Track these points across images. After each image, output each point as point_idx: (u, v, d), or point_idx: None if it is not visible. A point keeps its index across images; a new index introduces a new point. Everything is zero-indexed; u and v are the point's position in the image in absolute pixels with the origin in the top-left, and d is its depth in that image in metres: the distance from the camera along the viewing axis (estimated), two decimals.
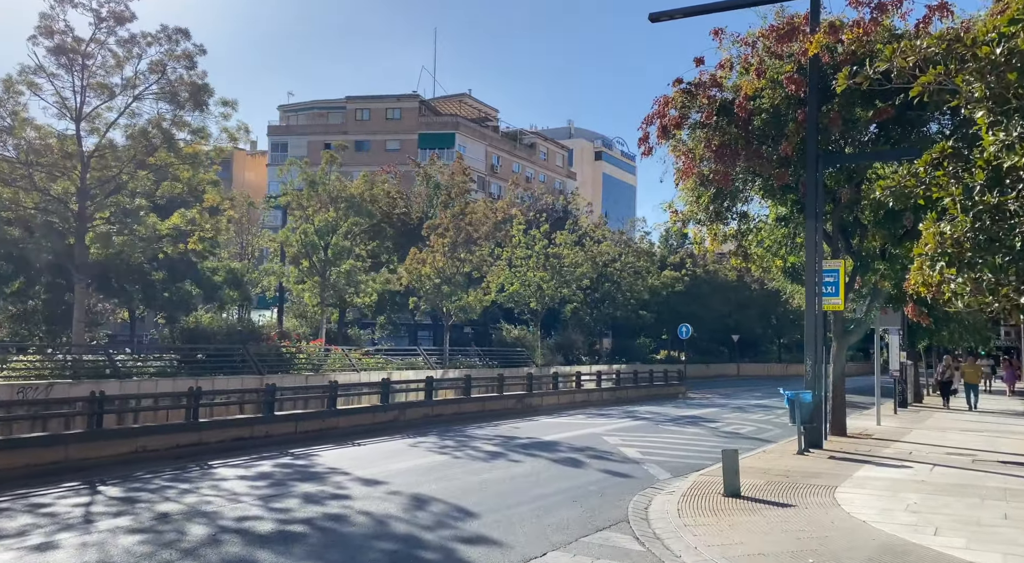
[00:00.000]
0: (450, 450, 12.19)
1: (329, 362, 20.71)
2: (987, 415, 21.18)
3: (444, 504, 7.96)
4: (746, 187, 16.36)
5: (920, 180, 9.08)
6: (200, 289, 27.52)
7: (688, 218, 16.33)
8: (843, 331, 15.65)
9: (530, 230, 33.46)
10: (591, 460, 11.67)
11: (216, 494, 8.17)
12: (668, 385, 28.91)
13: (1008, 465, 11.46)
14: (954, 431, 16.55)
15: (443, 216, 27.51)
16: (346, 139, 75.16)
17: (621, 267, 39.02)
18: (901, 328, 22.84)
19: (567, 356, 35.66)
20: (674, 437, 15.18)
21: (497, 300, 32.24)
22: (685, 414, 20.69)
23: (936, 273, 8.67)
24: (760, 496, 8.79)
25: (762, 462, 11.41)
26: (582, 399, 23.11)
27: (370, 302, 27.11)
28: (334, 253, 24.01)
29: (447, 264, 26.20)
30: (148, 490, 8.36)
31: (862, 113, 13.42)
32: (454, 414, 17.19)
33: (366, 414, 14.75)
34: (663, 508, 8.39)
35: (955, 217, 8.43)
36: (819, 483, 9.58)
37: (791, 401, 12.47)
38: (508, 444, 13.17)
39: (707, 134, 15.06)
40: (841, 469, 10.75)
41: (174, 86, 15.79)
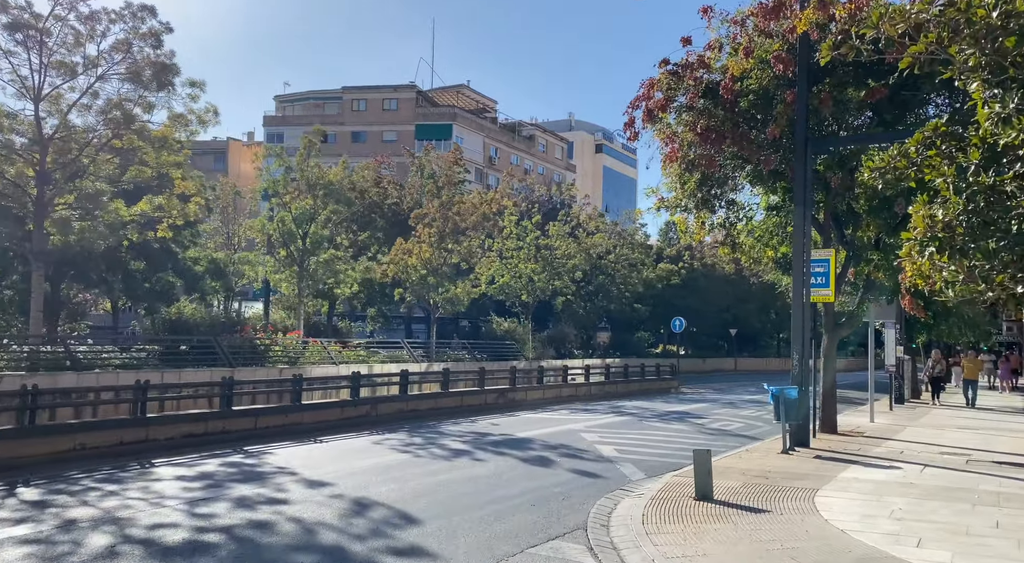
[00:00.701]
0: (415, 448, 11.58)
1: (307, 355, 20.10)
2: (985, 412, 20.51)
3: (387, 509, 7.35)
4: (735, 173, 15.68)
5: (911, 161, 8.40)
6: (181, 279, 26.91)
7: (673, 205, 15.65)
8: (834, 324, 14.99)
9: (522, 221, 32.77)
10: (563, 459, 11.05)
11: (141, 497, 7.57)
12: (660, 380, 28.28)
13: (1004, 466, 10.82)
14: (950, 429, 15.90)
15: (430, 206, 26.84)
16: (342, 129, 74.56)
17: (616, 259, 38.32)
18: (897, 322, 22.16)
19: (559, 350, 35.05)
20: (656, 434, 14.56)
21: (488, 292, 31.62)
22: (673, 410, 20.06)
23: (925, 259, 8.02)
24: (734, 500, 8.16)
25: (743, 462, 10.78)
26: (568, 394, 22.50)
27: (350, 293, 26.47)
28: (312, 242, 23.35)
29: (434, 254, 25.56)
30: (69, 493, 7.77)
31: (854, 93, 12.72)
32: (431, 409, 16.58)
33: (334, 409, 14.14)
34: (628, 513, 7.76)
35: (947, 200, 7.77)
36: (800, 485, 8.94)
37: (776, 397, 11.84)
38: (479, 441, 12.56)
39: (693, 117, 14.39)
40: (826, 470, 10.12)
41: (139, 65, 15.10)
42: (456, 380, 18.65)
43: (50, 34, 14.92)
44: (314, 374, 19.08)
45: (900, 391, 23.48)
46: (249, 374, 17.42)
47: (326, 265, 23.29)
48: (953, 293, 8.15)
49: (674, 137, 14.90)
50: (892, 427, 16.00)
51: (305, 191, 22.88)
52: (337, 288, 25.39)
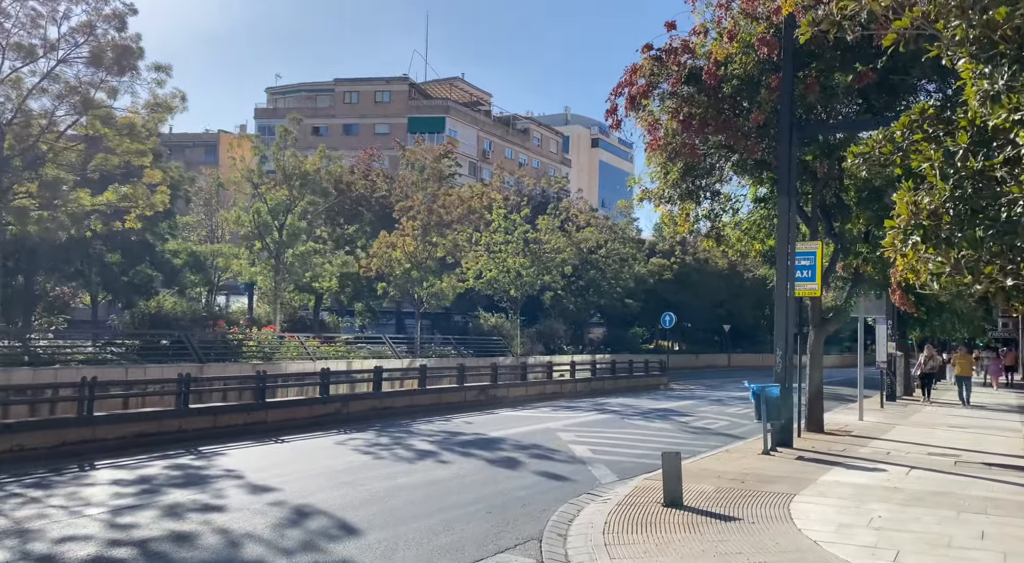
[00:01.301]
0: (379, 448, 11.07)
1: (283, 351, 19.57)
2: (978, 410, 20.04)
3: (328, 518, 6.83)
4: (720, 163, 15.15)
5: (897, 146, 7.87)
6: (160, 273, 26.32)
7: (656, 196, 15.11)
8: (821, 320, 14.48)
9: (511, 214, 32.20)
10: (532, 460, 10.54)
11: (63, 505, 7.05)
12: (649, 376, 27.79)
13: (994, 468, 10.33)
14: (941, 428, 15.43)
15: (415, 198, 26.27)
16: (334, 122, 73.80)
17: (607, 254, 37.77)
18: (889, 318, 21.67)
19: (548, 345, 34.54)
20: (636, 433, 14.06)
21: (475, 287, 31.07)
22: (658, 407, 19.57)
23: (909, 249, 7.50)
24: (704, 507, 7.65)
25: (720, 464, 10.27)
26: (553, 391, 22.00)
27: (330, 287, 25.89)
28: (289, 234, 22.75)
29: (418, 248, 25.00)
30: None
31: (841, 78, 12.17)
32: (406, 407, 16.06)
33: (302, 407, 13.61)
34: (589, 521, 7.25)
35: (933, 186, 7.25)
36: (776, 490, 8.44)
37: (757, 396, 11.34)
38: (448, 441, 12.04)
39: (676, 104, 13.86)
40: (807, 472, 9.62)
41: (101, 48, 14.47)
42: (435, 377, 18.14)
43: (8, 15, 14.33)
44: (289, 370, 18.58)
45: (892, 388, 23.00)
46: (220, 370, 16.89)
47: (302, 258, 22.69)
48: (938, 286, 7.63)
49: (656, 125, 14.36)
50: (881, 426, 15.52)
51: (281, 181, 22.27)
52: (316, 282, 24.78)
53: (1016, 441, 13.54)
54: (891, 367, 23.04)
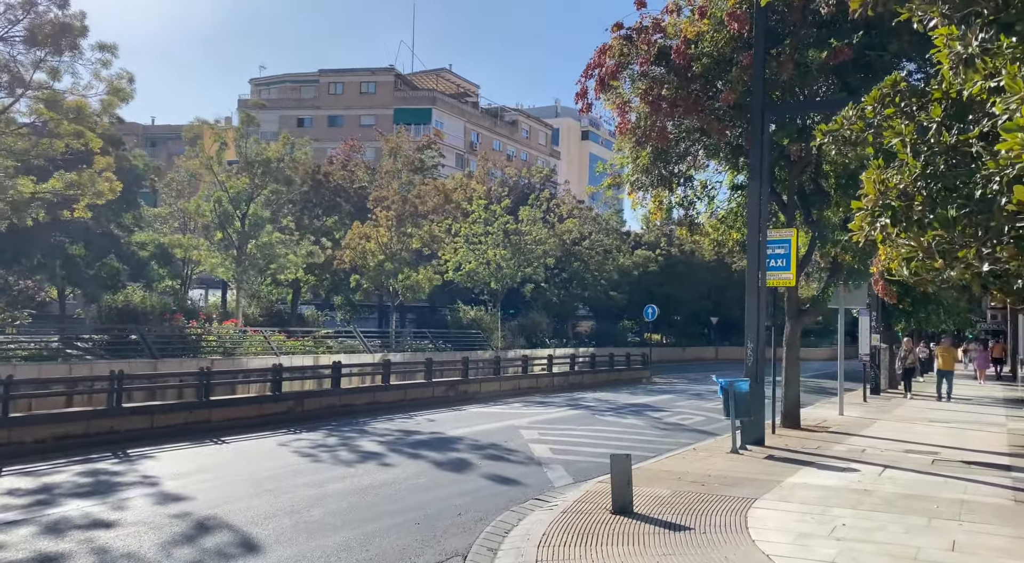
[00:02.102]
0: (323, 450, 10.38)
1: (246, 345, 18.82)
2: (962, 404, 19.53)
3: (232, 533, 6.16)
4: (693, 148, 14.49)
5: (868, 122, 7.18)
6: (126, 265, 25.46)
7: (627, 182, 14.44)
8: (798, 311, 13.87)
9: (491, 205, 31.46)
10: (485, 461, 9.89)
11: None
12: (631, 370, 27.20)
13: (972, 467, 9.75)
14: (921, 423, 14.87)
15: (390, 188, 25.50)
16: (319, 113, 72.70)
17: (590, 245, 37.09)
18: (874, 309, 21.11)
19: (531, 339, 33.91)
20: (604, 430, 13.43)
21: (455, 279, 30.38)
22: (634, 402, 18.97)
23: (878, 232, 6.86)
24: (656, 514, 7.01)
25: (684, 464, 9.64)
26: (529, 386, 21.36)
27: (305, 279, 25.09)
28: (252, 224, 21.95)
29: (392, 239, 24.27)
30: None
31: (815, 54, 11.50)
32: (368, 404, 15.37)
33: (251, 406, 12.91)
34: (528, 532, 6.61)
35: (904, 163, 6.61)
36: (737, 494, 7.81)
37: (725, 391, 10.72)
38: (400, 441, 11.37)
39: (646, 85, 13.18)
40: (774, 473, 9.00)
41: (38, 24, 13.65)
42: (404, 372, 17.46)
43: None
44: (250, 366, 17.86)
45: (876, 381, 22.49)
46: (176, 366, 16.16)
47: (263, 249, 21.89)
48: (908, 272, 7.00)
49: (627, 107, 13.70)
50: (861, 421, 14.95)
51: (243, 168, 21.45)
52: (281, 274, 23.99)
53: (999, 437, 12.99)
54: (875, 360, 22.51)
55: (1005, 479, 8.94)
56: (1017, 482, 8.74)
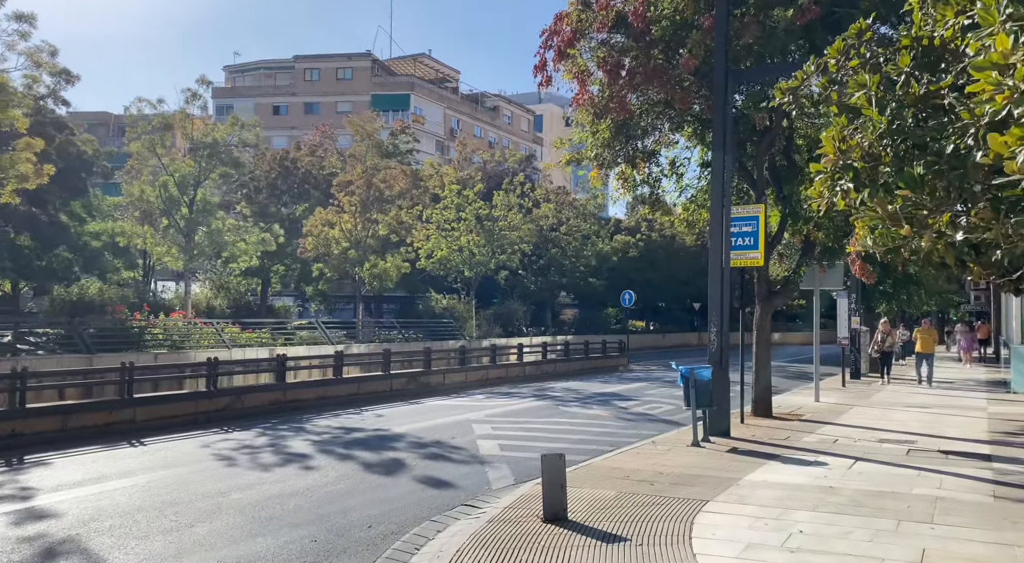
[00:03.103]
0: (245, 453, 9.48)
1: (195, 338, 17.82)
2: (944, 387, 18.92)
3: (84, 559, 5.26)
4: (658, 122, 13.59)
5: (832, 78, 6.30)
6: (79, 256, 24.28)
7: (587, 158, 13.55)
8: (768, 293, 13.07)
9: (464, 190, 30.49)
10: (422, 461, 9.04)
11: None
12: (607, 357, 26.43)
13: (950, 457, 9.01)
14: (899, 408, 14.18)
15: (354, 172, 24.44)
16: (295, 101, 71.04)
17: (568, 231, 36.21)
18: (853, 290, 20.42)
19: (507, 328, 33.07)
20: (564, 422, 12.62)
21: (426, 267, 29.45)
22: (604, 391, 18.19)
23: (839, 196, 6.04)
24: (592, 522, 6.19)
25: (637, 460, 8.83)
26: (497, 376, 20.52)
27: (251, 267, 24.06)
28: (201, 209, 20.84)
29: (356, 225, 23.25)
30: None
31: (781, 14, 10.61)
32: (318, 399, 14.47)
33: (183, 403, 11.97)
34: (440, 548, 5.76)
35: (869, 120, 5.77)
36: (688, 495, 7.00)
37: (685, 379, 9.91)
38: (336, 440, 10.49)
39: (604, 53, 12.29)
40: (734, 469, 8.22)
41: None
42: (358, 364, 16.55)
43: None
44: (199, 360, 16.87)
45: (856, 366, 21.85)
46: (113, 361, 15.13)
47: (211, 236, 20.80)
48: (872, 242, 6.17)
49: (586, 77, 12.78)
50: (836, 408, 14.24)
51: (188, 151, 20.29)
52: (234, 262, 22.92)
53: (979, 422, 12.31)
54: (855, 344, 21.86)
55: (985, 470, 8.20)
56: (997, 474, 8.00)
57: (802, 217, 13.11)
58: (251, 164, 25.65)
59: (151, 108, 20.36)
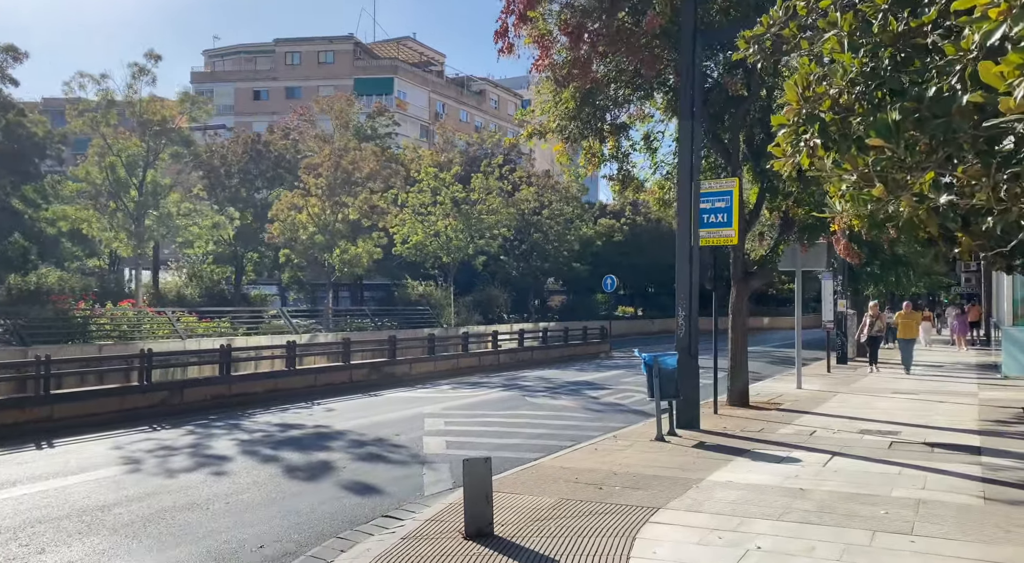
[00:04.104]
0: (159, 456, 8.57)
1: (147, 328, 16.85)
2: (934, 370, 18.19)
3: None
4: (628, 93, 12.63)
5: (801, 24, 5.36)
6: (35, 244, 23.17)
7: (550, 130, 12.59)
8: (744, 273, 12.20)
9: (440, 173, 29.44)
10: (355, 463, 8.17)
11: None
12: (587, 344, 25.60)
13: (936, 451, 8.20)
14: (885, 395, 13.39)
15: (321, 154, 23.38)
16: (276, 85, 69.45)
17: (550, 215, 35.24)
18: (839, 272, 19.60)
19: (487, 315, 32.18)
20: (526, 415, 11.78)
21: (401, 253, 28.46)
22: (579, 379, 17.36)
23: (803, 154, 5.14)
24: (520, 538, 5.32)
25: (591, 458, 7.98)
26: (469, 365, 19.66)
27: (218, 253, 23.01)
28: (151, 192, 19.72)
29: (324, 209, 22.24)
30: None
31: None
32: (268, 392, 13.56)
33: (110, 398, 11.03)
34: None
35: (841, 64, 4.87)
36: (638, 502, 6.15)
37: (649, 367, 9.05)
38: (267, 439, 9.61)
39: (565, 14, 11.30)
40: (696, 468, 7.38)
41: None
42: (320, 354, 15.64)
43: None
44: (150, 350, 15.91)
45: (843, 350, 21.08)
46: (54, 352, 14.15)
47: (161, 220, 19.73)
48: (841, 206, 5.27)
49: (548, 43, 11.78)
50: (819, 395, 13.45)
51: (135, 129, 19.15)
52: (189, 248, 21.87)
53: (969, 409, 11.54)
54: (842, 327, 21.08)
55: (973, 466, 7.39)
56: (987, 470, 7.19)
57: (781, 192, 12.21)
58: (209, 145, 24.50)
59: (94, 84, 19.19)
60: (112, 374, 11.70)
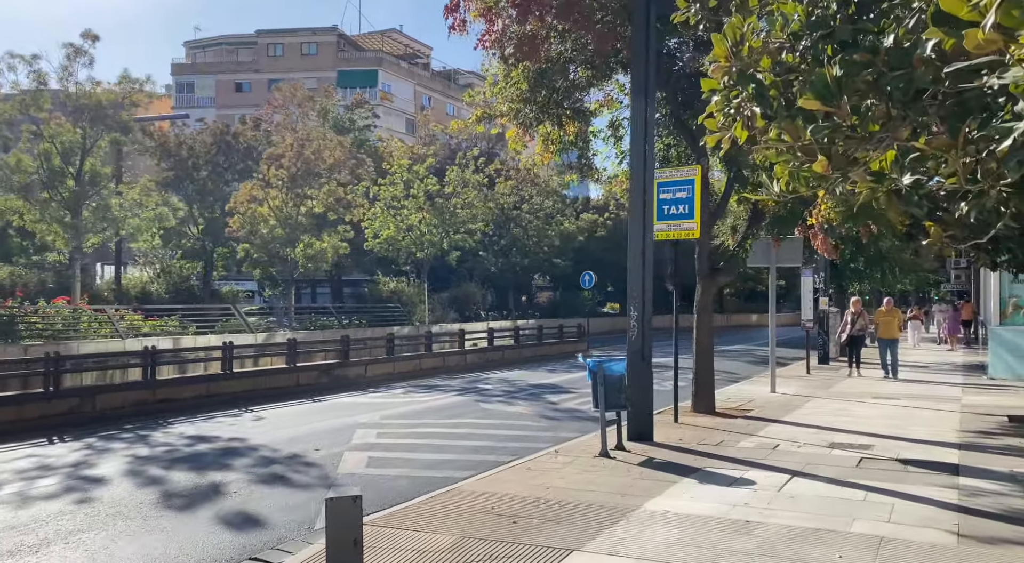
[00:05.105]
0: (30, 477, 7.55)
1: (84, 328, 15.80)
2: (919, 372, 17.32)
3: None
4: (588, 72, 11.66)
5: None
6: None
7: (500, 114, 11.62)
8: (710, 270, 11.26)
9: (414, 165, 28.39)
10: (251, 486, 7.19)
11: None
12: (563, 343, 24.67)
13: (909, 469, 7.29)
14: (863, 400, 12.49)
15: (284, 143, 22.31)
16: (258, 78, 68.12)
17: (529, 210, 34.24)
18: (816, 268, 18.70)
19: (463, 312, 31.20)
20: (473, 424, 10.83)
21: (372, 248, 27.42)
22: (544, 381, 16.42)
23: (737, 125, 4.28)
24: None
25: (520, 479, 7.00)
26: (432, 366, 18.68)
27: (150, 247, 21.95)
28: (89, 181, 18.59)
29: (285, 202, 21.19)
30: None
31: None
32: (199, 398, 12.54)
33: (5, 408, 10.00)
34: None
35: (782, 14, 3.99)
36: (551, 541, 5.19)
37: (593, 374, 8.12)
38: (168, 455, 8.62)
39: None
40: (636, 492, 6.44)
41: None
42: (257, 355, 14.64)
43: None
44: (82, 351, 14.89)
45: (825, 350, 20.22)
46: None
47: (99, 212, 18.62)
48: (780, 187, 4.38)
49: (494, 16, 10.79)
50: (792, 401, 12.53)
51: (70, 114, 18.01)
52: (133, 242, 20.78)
53: (950, 416, 10.64)
54: (823, 326, 20.20)
55: (949, 491, 6.46)
56: (964, 496, 6.27)
57: (750, 181, 11.27)
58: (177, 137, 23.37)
59: (26, 65, 18.02)
60: (14, 379, 10.66)
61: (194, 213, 31.84)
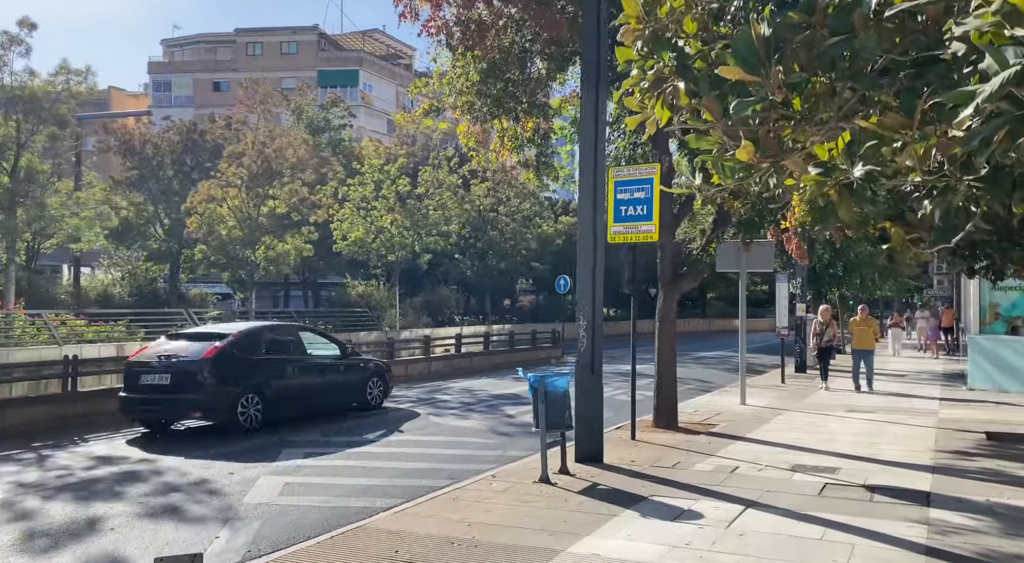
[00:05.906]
0: None
1: (16, 334, 14.82)
2: (896, 381, 16.72)
3: None
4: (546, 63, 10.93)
5: None
6: None
7: (449, 107, 10.86)
8: (673, 275, 10.54)
9: (386, 165, 27.57)
10: (137, 520, 6.36)
11: None
12: (536, 349, 23.92)
13: (877, 497, 6.58)
14: (836, 414, 11.82)
15: (244, 141, 21.42)
16: (237, 77, 67.05)
17: (507, 212, 33.48)
18: (793, 273, 18.09)
19: (437, 317, 30.35)
20: (416, 441, 10.02)
21: (342, 250, 26.55)
22: (506, 392, 15.64)
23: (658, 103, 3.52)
24: None
25: (441, 513, 6.21)
26: (394, 375, 17.78)
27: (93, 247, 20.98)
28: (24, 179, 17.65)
29: (245, 201, 20.30)
30: None
31: None
32: None
33: None
34: None
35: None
36: None
37: (534, 390, 7.35)
38: (59, 480, 7.75)
39: None
40: (565, 530, 5.67)
41: None
42: None
43: None
44: (13, 360, 13.94)
45: (802, 358, 19.61)
46: None
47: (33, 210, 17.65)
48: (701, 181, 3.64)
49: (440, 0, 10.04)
50: (761, 414, 11.83)
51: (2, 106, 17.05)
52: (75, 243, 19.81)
53: (925, 433, 9.99)
54: (800, 334, 19.59)
55: (918, 526, 5.75)
56: (934, 533, 5.55)
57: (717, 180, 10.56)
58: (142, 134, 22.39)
59: None
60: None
61: (159, 213, 30.85)
